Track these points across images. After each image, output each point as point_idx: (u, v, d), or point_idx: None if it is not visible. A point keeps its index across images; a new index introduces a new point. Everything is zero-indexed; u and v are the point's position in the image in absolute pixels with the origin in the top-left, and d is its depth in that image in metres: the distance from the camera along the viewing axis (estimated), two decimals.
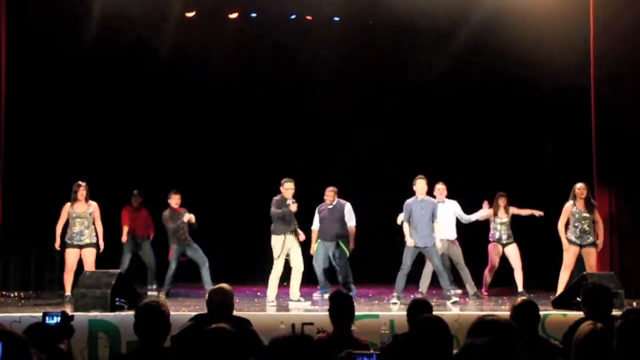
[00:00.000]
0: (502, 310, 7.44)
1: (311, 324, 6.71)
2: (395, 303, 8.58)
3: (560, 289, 8.75)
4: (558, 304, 8.05)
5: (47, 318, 3.93)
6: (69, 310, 6.86)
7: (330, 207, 9.88)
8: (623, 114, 9.66)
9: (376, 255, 11.76)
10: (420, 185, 8.88)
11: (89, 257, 8.82)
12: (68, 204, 8.89)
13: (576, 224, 8.93)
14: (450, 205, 9.95)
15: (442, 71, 11.70)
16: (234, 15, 11.61)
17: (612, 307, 4.69)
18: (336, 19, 11.84)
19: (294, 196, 9.01)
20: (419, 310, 4.60)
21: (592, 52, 9.80)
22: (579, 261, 9.08)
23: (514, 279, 9.94)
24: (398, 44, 11.87)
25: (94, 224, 8.98)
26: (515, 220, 10.06)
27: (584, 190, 8.95)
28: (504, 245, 9.95)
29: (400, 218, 9.02)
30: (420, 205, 8.87)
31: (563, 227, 8.99)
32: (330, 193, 9.90)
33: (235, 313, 4.93)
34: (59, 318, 3.93)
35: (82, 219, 8.85)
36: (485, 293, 10.09)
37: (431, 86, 11.86)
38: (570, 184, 9.20)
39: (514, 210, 10.02)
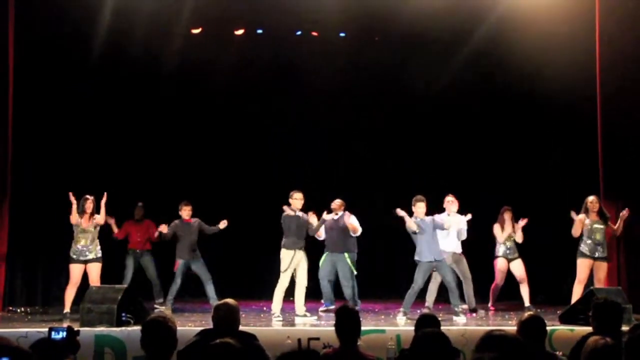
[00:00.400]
0: (509, 325, 7.40)
1: (317, 339, 6.70)
2: (401, 319, 8.57)
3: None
4: (565, 319, 8.01)
5: (52, 333, 3.93)
6: (74, 325, 6.86)
7: (336, 217, 9.71)
8: (630, 127, 9.65)
9: (382, 270, 11.75)
10: (420, 209, 8.95)
11: (94, 272, 8.84)
12: (79, 218, 8.86)
13: (590, 236, 8.94)
14: (459, 220, 9.89)
15: (448, 84, 11.71)
16: (239, 32, 11.67)
17: (622, 323, 4.67)
18: (342, 34, 11.88)
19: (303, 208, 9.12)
20: (426, 325, 4.57)
21: (597, 66, 9.81)
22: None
23: (520, 293, 9.91)
24: (403, 58, 11.87)
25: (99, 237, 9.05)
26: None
27: (596, 204, 9.01)
28: (509, 260, 9.93)
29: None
30: (421, 225, 8.93)
31: (576, 233, 8.99)
32: (338, 204, 9.79)
33: (241, 328, 4.92)
34: (64, 333, 3.92)
35: (87, 233, 8.87)
36: (492, 308, 10.06)
37: (437, 99, 11.88)
38: (577, 197, 9.19)
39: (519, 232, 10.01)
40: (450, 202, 9.86)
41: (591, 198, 9.05)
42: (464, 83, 11.78)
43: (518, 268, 9.89)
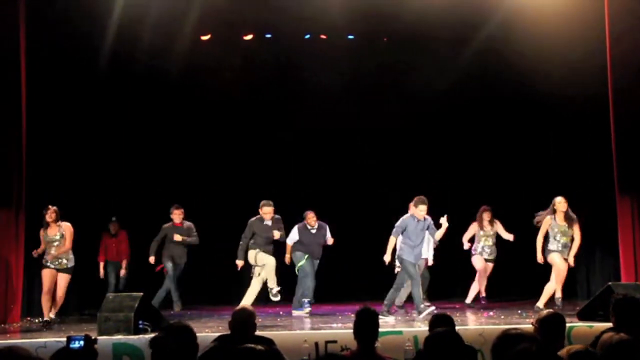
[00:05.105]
0: (526, 324, 7.35)
1: (335, 341, 6.69)
2: (419, 317, 8.53)
3: (559, 292, 8.99)
4: (584, 315, 7.96)
5: (71, 342, 3.93)
6: (92, 333, 6.87)
7: (313, 230, 10.07)
8: None
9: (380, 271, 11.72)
10: (422, 211, 8.83)
11: (62, 282, 8.96)
12: (42, 230, 8.96)
13: (557, 237, 8.98)
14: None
15: (457, 84, 11.68)
16: (248, 37, 11.70)
17: None
18: (350, 37, 11.88)
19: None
20: (440, 325, 4.55)
21: (609, 62, 9.71)
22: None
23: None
24: (412, 58, 11.84)
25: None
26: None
27: (564, 204, 8.96)
28: (485, 260, 10.02)
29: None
30: (417, 224, 8.89)
31: (541, 241, 9.05)
32: (314, 217, 10.10)
33: (257, 333, 4.92)
34: (82, 342, 3.93)
35: (54, 242, 8.92)
36: (482, 302, 10.17)
37: (446, 99, 11.85)
38: (592, 195, 9.14)
39: (499, 227, 10.09)
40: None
41: (559, 198, 9.02)
42: (474, 82, 11.75)
43: (488, 271, 10.15)
